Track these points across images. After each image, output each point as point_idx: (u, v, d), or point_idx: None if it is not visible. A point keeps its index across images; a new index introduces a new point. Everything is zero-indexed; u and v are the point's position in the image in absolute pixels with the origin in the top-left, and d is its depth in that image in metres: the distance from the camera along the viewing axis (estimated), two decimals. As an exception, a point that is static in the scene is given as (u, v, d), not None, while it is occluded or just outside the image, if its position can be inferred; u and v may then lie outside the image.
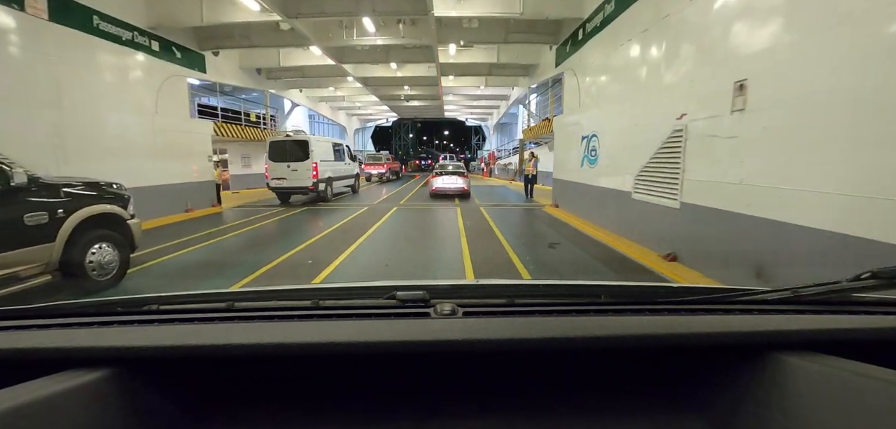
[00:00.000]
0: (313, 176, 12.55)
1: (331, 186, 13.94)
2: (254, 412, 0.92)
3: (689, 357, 0.95)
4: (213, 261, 6.23)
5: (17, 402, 0.63)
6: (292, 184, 12.71)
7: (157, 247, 6.81)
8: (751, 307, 0.97)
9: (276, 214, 10.89)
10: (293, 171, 12.58)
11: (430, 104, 28.99)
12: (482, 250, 6.54)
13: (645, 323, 0.89)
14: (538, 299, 1.06)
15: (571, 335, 0.84)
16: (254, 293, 1.28)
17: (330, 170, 13.91)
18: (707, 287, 1.05)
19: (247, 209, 12.03)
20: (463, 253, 6.38)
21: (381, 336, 0.84)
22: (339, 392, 0.97)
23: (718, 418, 0.86)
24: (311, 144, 12.74)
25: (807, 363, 0.76)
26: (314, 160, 12.61)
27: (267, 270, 5.44)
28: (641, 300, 1.04)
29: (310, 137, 13.10)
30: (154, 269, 5.66)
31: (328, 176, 13.66)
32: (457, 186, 14.39)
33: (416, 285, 1.00)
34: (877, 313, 0.93)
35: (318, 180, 12.74)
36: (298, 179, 12.61)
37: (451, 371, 0.98)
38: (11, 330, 0.89)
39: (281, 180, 12.71)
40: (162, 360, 0.85)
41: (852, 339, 0.85)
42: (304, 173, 12.54)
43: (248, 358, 0.92)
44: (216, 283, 5.03)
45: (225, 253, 6.70)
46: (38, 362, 0.77)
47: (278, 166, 12.67)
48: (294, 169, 12.58)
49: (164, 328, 0.89)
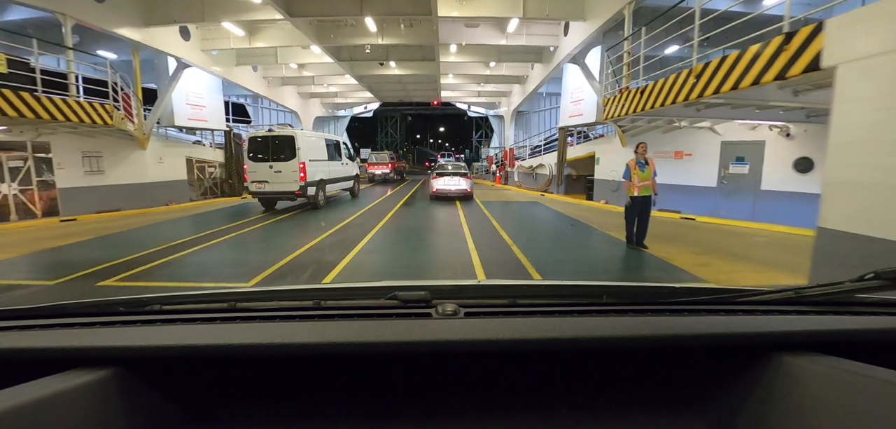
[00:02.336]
0: (300, 178, 10.69)
1: (323, 189, 11.93)
2: (256, 412, 0.92)
3: (691, 358, 0.96)
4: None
5: (19, 401, 0.63)
6: (275, 188, 10.88)
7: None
8: (753, 308, 0.97)
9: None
10: (277, 173, 10.78)
11: (423, 81, 21.02)
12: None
13: (647, 324, 0.89)
14: (540, 300, 1.06)
15: (573, 336, 0.85)
16: (256, 293, 1.27)
17: (322, 171, 11.96)
18: (709, 287, 1.06)
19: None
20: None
21: (383, 337, 0.84)
22: (341, 392, 0.97)
23: (721, 419, 0.87)
24: (298, 140, 10.88)
25: (810, 364, 0.76)
26: (301, 160, 10.73)
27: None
28: (643, 301, 1.04)
29: (296, 132, 11.18)
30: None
31: (319, 178, 11.68)
32: (459, 188, 13.41)
33: (417, 286, 1.01)
34: (880, 314, 0.93)
35: (307, 183, 10.89)
36: (283, 182, 10.77)
37: (453, 371, 0.98)
38: (13, 330, 0.90)
39: (262, 183, 10.91)
40: (164, 360, 0.85)
41: (855, 340, 0.85)
42: (290, 175, 10.71)
43: (250, 358, 0.93)
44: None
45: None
46: (40, 361, 0.77)
47: (259, 167, 10.90)
48: (278, 170, 10.77)
49: (166, 328, 0.89)
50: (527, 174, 18.83)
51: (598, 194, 13.31)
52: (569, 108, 14.50)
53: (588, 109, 13.45)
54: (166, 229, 8.68)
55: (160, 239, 7.45)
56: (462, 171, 13.92)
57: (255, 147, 10.96)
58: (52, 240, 7.48)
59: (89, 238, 7.67)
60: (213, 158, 15.16)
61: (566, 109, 14.78)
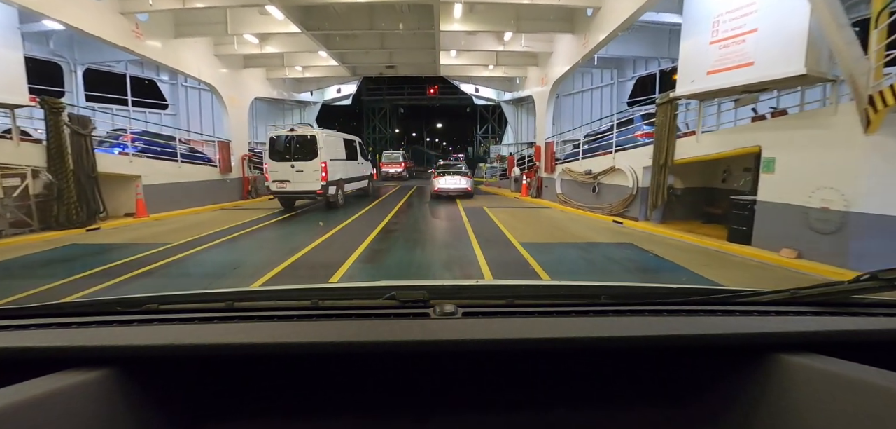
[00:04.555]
0: (322, 178, 10.69)
1: (342, 189, 11.94)
2: (254, 412, 0.92)
3: (688, 358, 0.96)
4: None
5: (16, 400, 0.63)
6: (297, 187, 10.91)
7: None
8: (750, 308, 0.98)
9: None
10: (298, 172, 10.83)
11: (415, 48, 14.04)
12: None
13: (644, 324, 0.89)
14: (538, 300, 1.06)
15: (571, 336, 0.84)
16: (253, 293, 1.28)
17: (341, 171, 11.96)
18: (707, 288, 1.06)
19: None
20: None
21: (381, 336, 0.83)
22: (339, 392, 0.96)
23: (718, 418, 0.87)
24: (320, 139, 10.91)
25: (806, 364, 0.76)
26: (323, 159, 10.74)
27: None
28: (641, 301, 1.04)
29: (318, 131, 11.20)
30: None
31: (339, 177, 11.70)
32: (459, 187, 13.91)
33: (416, 286, 1.02)
34: (876, 315, 0.93)
35: (328, 183, 10.87)
36: (305, 182, 10.82)
37: (452, 371, 0.98)
38: (11, 329, 0.89)
39: (283, 183, 10.93)
40: (161, 359, 0.85)
41: (852, 340, 0.85)
42: (312, 175, 10.74)
43: (247, 358, 0.93)
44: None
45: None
46: (37, 361, 0.76)
47: (280, 167, 10.93)
48: (299, 170, 10.82)
49: (163, 328, 0.89)
50: (579, 184, 11.86)
51: (765, 233, 6.43)
52: (703, 54, 7.10)
53: (776, 46, 5.92)
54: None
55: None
56: (462, 171, 14.76)
57: (275, 146, 11.11)
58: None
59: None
60: (18, 161, 8.05)
61: (694, 57, 7.34)
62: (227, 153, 13.57)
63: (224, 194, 13.18)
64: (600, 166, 10.95)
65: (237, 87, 14.53)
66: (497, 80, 20.00)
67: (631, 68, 16.71)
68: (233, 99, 14.10)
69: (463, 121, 47.98)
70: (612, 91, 17.45)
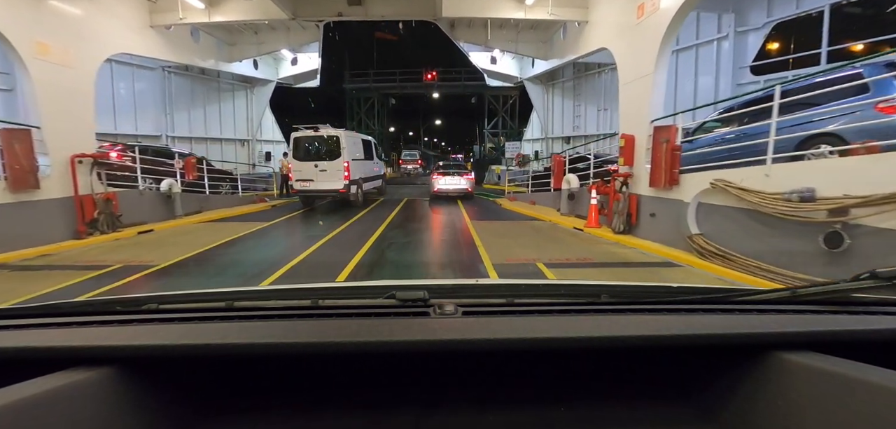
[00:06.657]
0: (345, 177, 11.02)
1: (361, 188, 12.15)
2: (253, 411, 0.91)
3: (688, 357, 0.95)
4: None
5: (16, 399, 0.62)
6: (320, 186, 11.25)
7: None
8: (750, 307, 0.96)
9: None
10: (322, 172, 11.14)
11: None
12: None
13: (644, 323, 0.88)
14: (538, 299, 1.05)
15: (571, 335, 0.84)
16: (253, 293, 1.27)
17: (360, 170, 12.19)
18: (706, 287, 1.05)
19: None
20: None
21: (380, 336, 0.83)
22: (338, 391, 0.96)
23: (718, 417, 0.85)
24: (343, 140, 11.15)
25: (806, 363, 0.76)
26: (346, 159, 11.05)
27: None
28: (641, 300, 1.03)
29: (341, 132, 11.33)
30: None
31: (359, 177, 11.92)
32: (459, 187, 13.96)
33: (415, 285, 1.01)
34: (876, 314, 0.92)
35: (350, 182, 11.18)
36: (328, 181, 11.13)
37: (451, 370, 0.98)
38: (11, 329, 0.88)
39: (307, 182, 11.24)
40: (161, 359, 0.84)
41: (852, 339, 0.84)
42: (335, 174, 11.05)
43: (247, 357, 0.93)
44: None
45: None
46: (37, 360, 0.76)
47: (304, 166, 11.26)
48: (323, 169, 11.13)
49: (163, 328, 0.88)
50: (761, 219, 5.24)
51: None
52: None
53: None
54: None
55: None
56: (462, 171, 14.94)
57: (299, 146, 11.32)
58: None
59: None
60: None
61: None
62: (26, 150, 6.82)
63: (20, 230, 6.54)
64: (847, 179, 4.26)
65: (64, 30, 7.69)
66: (531, 32, 13.30)
67: (762, 8, 10.06)
68: (45, 49, 7.31)
69: (465, 117, 41.22)
70: (723, 49, 10.81)
